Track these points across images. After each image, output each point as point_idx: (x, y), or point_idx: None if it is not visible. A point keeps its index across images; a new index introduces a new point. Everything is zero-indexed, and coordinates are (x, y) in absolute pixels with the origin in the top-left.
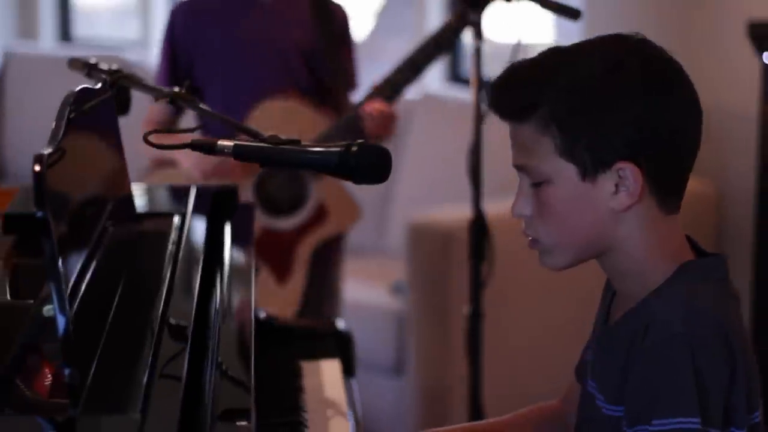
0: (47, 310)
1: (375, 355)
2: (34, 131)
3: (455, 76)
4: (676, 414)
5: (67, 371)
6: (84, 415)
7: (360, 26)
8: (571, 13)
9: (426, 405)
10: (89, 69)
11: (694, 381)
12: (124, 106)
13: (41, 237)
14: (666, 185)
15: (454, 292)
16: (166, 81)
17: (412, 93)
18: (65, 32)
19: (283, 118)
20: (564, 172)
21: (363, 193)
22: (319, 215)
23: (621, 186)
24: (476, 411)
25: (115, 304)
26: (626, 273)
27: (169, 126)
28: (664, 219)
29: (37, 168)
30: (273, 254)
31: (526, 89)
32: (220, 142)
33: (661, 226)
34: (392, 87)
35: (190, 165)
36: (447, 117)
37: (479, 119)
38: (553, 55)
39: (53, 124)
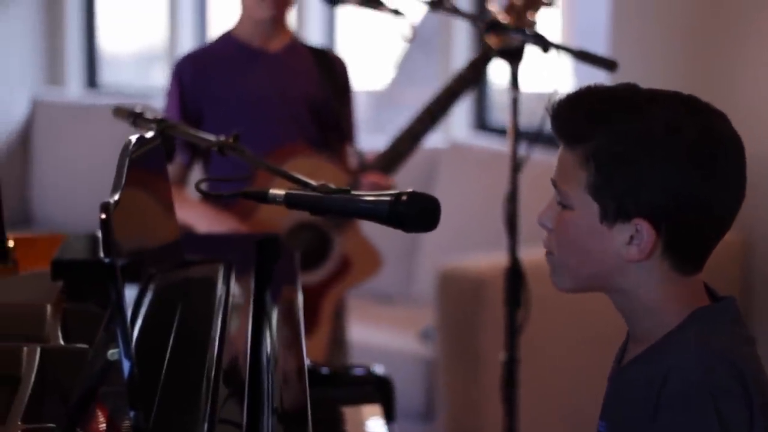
0: (112, 354)
1: (405, 401)
2: (60, 177)
3: (482, 125)
4: None
5: (132, 414)
6: None
7: (381, 75)
8: (607, 64)
9: None
10: (134, 118)
11: (718, 426)
12: (169, 154)
13: (108, 282)
14: (682, 252)
15: (484, 338)
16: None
17: (439, 141)
18: (92, 79)
19: (311, 175)
20: (587, 207)
21: (390, 241)
22: (344, 267)
23: (635, 239)
24: None
25: (169, 349)
26: (636, 315)
27: (180, 181)
28: (679, 277)
29: (104, 216)
30: None
31: (584, 120)
32: (272, 191)
33: (675, 283)
34: (391, 159)
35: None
36: (474, 165)
37: (516, 168)
38: (627, 93)
39: (115, 172)
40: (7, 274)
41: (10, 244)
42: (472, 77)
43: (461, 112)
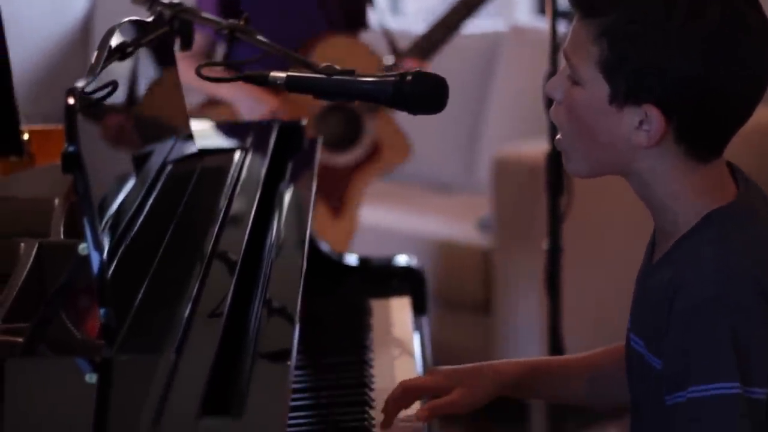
0: (82, 248)
1: (462, 292)
2: None
3: (543, 7)
4: (715, 379)
5: (102, 311)
6: (119, 356)
7: None
8: None
9: (513, 341)
10: (151, 3)
11: (732, 344)
12: (187, 41)
13: (74, 172)
14: (696, 141)
15: (540, 226)
16: (216, 13)
17: (499, 25)
18: None
19: (345, 54)
20: (597, 85)
21: (450, 128)
22: (374, 152)
23: (644, 124)
24: (555, 347)
25: (166, 240)
26: (655, 205)
27: (207, 57)
28: (696, 164)
29: (71, 101)
30: (329, 189)
31: None
32: (273, 74)
33: (692, 170)
34: (428, 46)
35: (246, 111)
36: (535, 49)
37: (555, 49)
38: None
39: (93, 57)
40: (22, 167)
41: (25, 136)
42: None
43: None
